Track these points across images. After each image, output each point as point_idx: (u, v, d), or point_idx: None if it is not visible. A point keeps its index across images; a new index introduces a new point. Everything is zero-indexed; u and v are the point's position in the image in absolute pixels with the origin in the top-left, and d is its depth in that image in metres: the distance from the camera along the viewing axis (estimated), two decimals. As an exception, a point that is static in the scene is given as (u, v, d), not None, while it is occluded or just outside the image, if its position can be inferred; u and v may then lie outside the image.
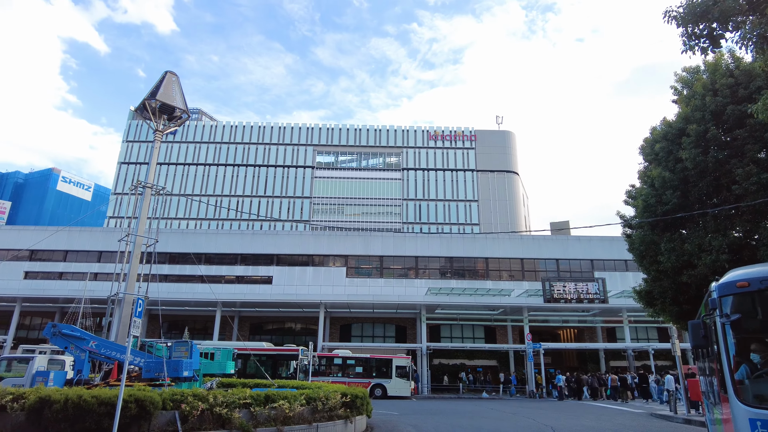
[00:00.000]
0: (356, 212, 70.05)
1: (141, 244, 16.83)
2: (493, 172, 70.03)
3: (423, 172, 70.71)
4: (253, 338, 39.85)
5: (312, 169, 72.22)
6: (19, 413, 9.30)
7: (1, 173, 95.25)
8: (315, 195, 70.96)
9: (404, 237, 44.25)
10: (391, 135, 73.30)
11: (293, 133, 74.41)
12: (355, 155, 73.49)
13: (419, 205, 69.08)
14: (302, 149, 73.21)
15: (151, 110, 18.26)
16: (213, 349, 25.93)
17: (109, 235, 43.01)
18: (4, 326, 41.49)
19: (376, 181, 71.23)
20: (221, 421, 10.23)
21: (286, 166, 72.61)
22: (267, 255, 42.38)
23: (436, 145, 71.91)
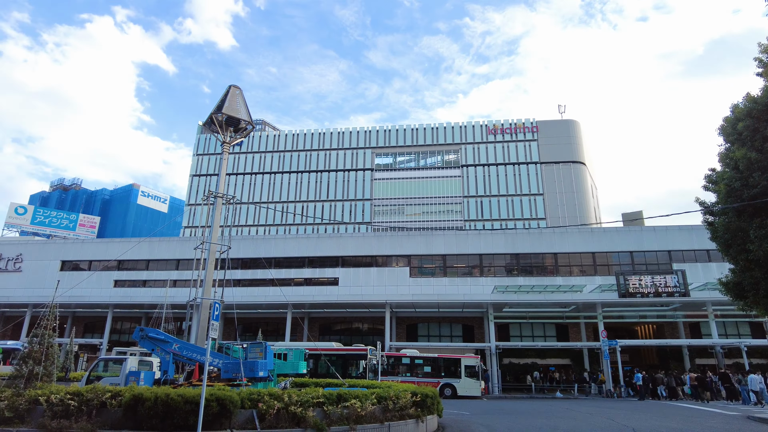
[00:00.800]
0: (417, 212, 70.00)
1: (215, 251, 17.75)
2: (558, 164, 67.52)
3: (483, 168, 69.45)
4: (323, 338, 40.85)
5: (371, 172, 72.97)
6: (117, 409, 10.11)
7: (90, 191, 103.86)
8: (375, 197, 71.64)
9: (467, 235, 43.67)
10: (449, 132, 72.60)
11: (351, 137, 75.58)
12: (413, 155, 73.49)
13: (481, 202, 67.91)
14: (361, 152, 74.19)
15: (218, 123, 19.20)
16: (285, 349, 26.88)
17: (185, 244, 45.70)
18: (99, 330, 45.20)
19: (436, 180, 70.82)
20: (296, 420, 10.57)
21: (346, 170, 73.86)
22: (332, 257, 43.33)
23: (496, 139, 70.40)
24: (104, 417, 10.09)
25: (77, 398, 10.16)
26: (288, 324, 38.80)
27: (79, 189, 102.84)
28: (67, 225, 77.94)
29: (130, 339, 42.40)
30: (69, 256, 48.31)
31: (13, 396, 10.31)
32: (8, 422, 9.92)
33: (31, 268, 47.58)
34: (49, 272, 46.81)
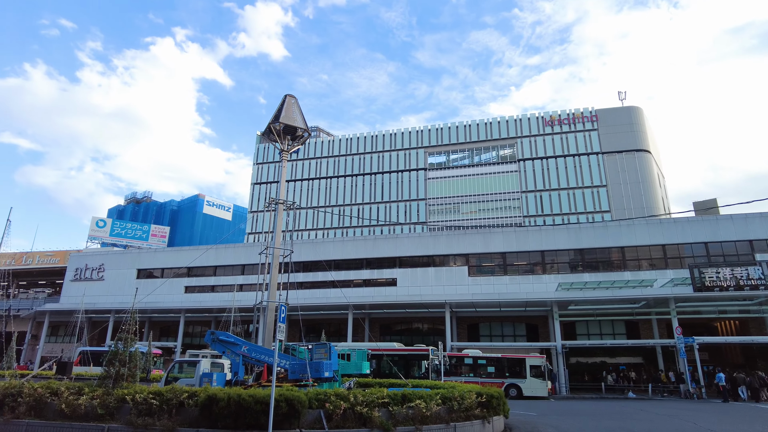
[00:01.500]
0: (473, 209, 69.00)
1: (278, 255, 18.37)
2: (620, 153, 64.38)
3: (541, 161, 67.40)
4: (384, 339, 41.15)
5: (425, 171, 72.74)
6: (193, 408, 10.69)
7: (160, 203, 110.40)
8: (429, 196, 71.33)
9: (527, 231, 42.56)
10: (503, 126, 71.05)
11: (403, 138, 75.71)
12: (466, 152, 72.56)
13: (540, 196, 65.93)
14: (413, 152, 74.13)
15: (276, 133, 19.86)
16: (348, 350, 27.29)
17: (249, 249, 47.52)
18: (173, 334, 47.89)
19: (491, 176, 69.50)
20: (362, 420, 10.73)
21: (400, 170, 74.06)
22: (390, 258, 43.59)
23: (553, 131, 68.13)
24: (183, 416, 10.70)
25: (158, 398, 10.84)
26: (349, 325, 39.39)
27: (150, 201, 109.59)
28: (141, 236, 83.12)
29: (202, 342, 44.61)
30: (143, 264, 51.56)
31: (104, 395, 11.16)
32: (101, 418, 10.74)
33: (112, 277, 51.17)
34: (127, 280, 50.18)
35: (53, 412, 11.07)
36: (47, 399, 11.32)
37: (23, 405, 11.14)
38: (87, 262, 53.51)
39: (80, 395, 11.25)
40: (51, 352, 50.10)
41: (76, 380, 18.48)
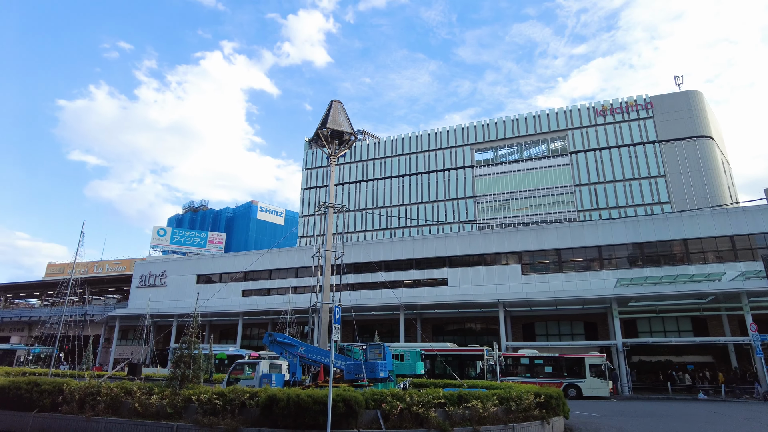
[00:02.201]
0: (523, 206, 67.44)
1: (330, 257, 18.69)
2: (679, 141, 61.04)
3: (594, 153, 64.97)
4: (436, 339, 40.96)
5: (472, 168, 71.83)
6: (254, 408, 11.07)
7: (216, 211, 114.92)
8: (478, 194, 70.36)
9: (582, 226, 41.17)
10: (552, 119, 69.03)
11: (449, 136, 75.08)
12: (515, 147, 71.03)
13: (594, 190, 63.59)
14: (459, 150, 73.37)
15: (323, 138, 20.25)
16: (402, 350, 27.38)
17: (302, 253, 48.59)
18: (232, 336, 49.66)
19: (542, 170, 67.69)
20: (419, 420, 10.74)
21: (446, 169, 73.51)
22: (439, 258, 43.36)
23: (606, 121, 65.51)
24: (245, 415, 11.09)
25: (222, 398, 11.30)
26: (401, 325, 39.47)
27: (206, 209, 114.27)
28: (199, 242, 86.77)
29: (259, 344, 46.01)
30: (202, 270, 53.80)
31: (172, 395, 11.76)
32: (170, 417, 11.32)
33: (174, 283, 53.72)
34: (188, 285, 52.53)
35: (128, 410, 11.77)
36: (122, 398, 12.05)
37: (102, 403, 11.91)
38: (150, 269, 56.45)
39: (151, 395, 11.90)
40: (122, 355, 53.20)
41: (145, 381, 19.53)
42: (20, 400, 12.56)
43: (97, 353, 54.06)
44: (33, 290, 79.39)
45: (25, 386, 12.66)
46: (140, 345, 51.12)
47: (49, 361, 40.61)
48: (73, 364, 42.66)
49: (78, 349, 39.93)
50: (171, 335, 48.07)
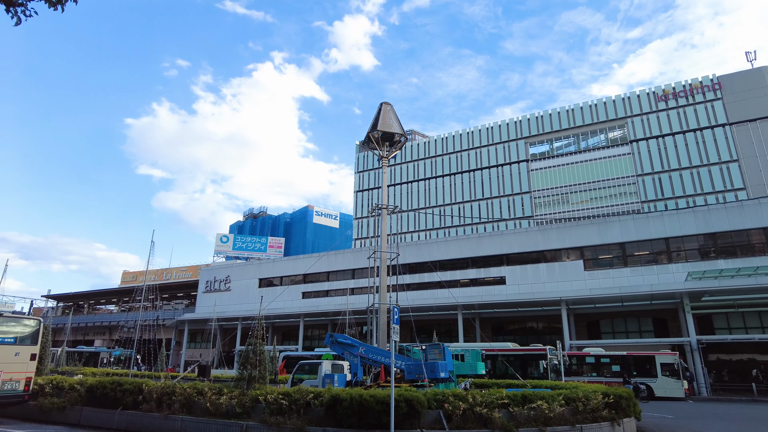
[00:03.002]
0: (583, 199, 64.97)
1: (386, 258, 18.84)
2: (753, 122, 56.69)
3: (657, 140, 61.59)
4: (496, 339, 40.26)
5: (527, 163, 70.05)
6: (319, 408, 11.33)
7: (274, 216, 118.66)
8: (534, 188, 68.51)
9: (647, 218, 39.15)
10: (610, 107, 66.06)
11: (501, 130, 73.58)
12: (571, 138, 68.59)
13: (659, 179, 60.28)
14: (513, 144, 71.74)
15: (374, 140, 20.44)
16: (462, 350, 27.15)
17: (357, 254, 49.21)
18: (293, 338, 51.03)
19: (601, 161, 64.95)
20: (483, 421, 10.62)
21: (499, 165, 72.08)
22: (496, 256, 42.59)
23: (668, 106, 61.95)
24: (310, 415, 11.38)
25: (287, 398, 11.66)
26: (460, 325, 39.10)
27: (265, 216, 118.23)
28: (260, 248, 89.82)
29: (320, 344, 47.00)
30: (264, 274, 55.65)
31: (240, 395, 12.26)
32: (239, 416, 11.82)
33: (237, 287, 55.90)
34: (251, 289, 54.49)
35: (200, 410, 12.39)
36: (195, 398, 12.70)
37: (177, 403, 12.61)
38: (215, 274, 59.04)
39: (221, 395, 12.46)
40: (192, 357, 55.96)
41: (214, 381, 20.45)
42: (106, 398, 13.53)
43: (169, 355, 57.17)
44: (111, 297, 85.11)
45: (109, 386, 13.62)
46: (208, 347, 53.60)
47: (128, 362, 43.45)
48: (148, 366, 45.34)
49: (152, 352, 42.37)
50: (236, 337, 50.03)
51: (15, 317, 14.57)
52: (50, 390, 14.77)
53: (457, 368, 21.66)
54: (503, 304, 39.32)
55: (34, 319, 15.11)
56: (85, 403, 13.87)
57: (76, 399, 14.06)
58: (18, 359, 13.71)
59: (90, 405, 13.77)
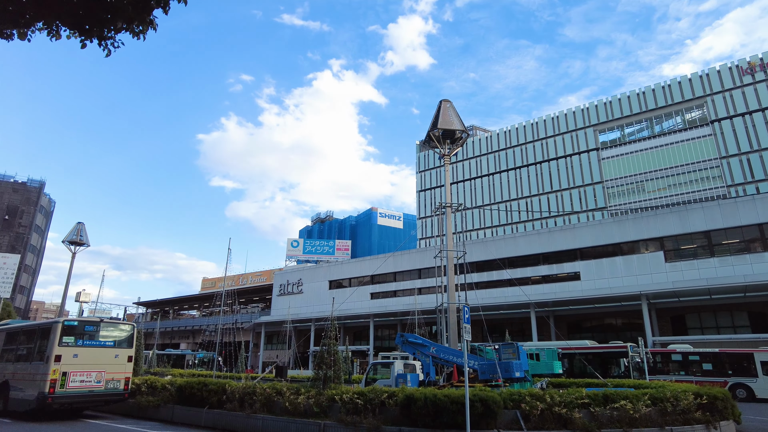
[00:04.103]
0: (660, 186, 61.04)
1: (452, 257, 18.69)
2: None
3: (743, 119, 56.64)
4: (572, 337, 38.69)
5: (597, 151, 66.85)
6: (393, 408, 11.43)
7: (340, 220, 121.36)
8: (606, 178, 65.24)
9: (735, 203, 36.09)
10: (686, 86, 61.54)
11: (567, 120, 70.71)
12: (644, 123, 64.65)
13: (746, 160, 55.39)
14: (581, 133, 68.71)
15: (435, 139, 20.35)
16: (536, 349, 26.37)
17: (423, 254, 49.13)
18: (365, 338, 51.78)
19: (679, 145, 60.70)
20: (562, 421, 10.26)
21: (568, 155, 69.30)
22: (568, 251, 40.95)
23: (755, 80, 56.76)
24: (385, 414, 11.50)
25: (362, 398, 11.85)
26: (533, 323, 37.98)
27: (331, 220, 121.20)
28: (328, 251, 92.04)
29: (390, 344, 47.39)
30: (333, 276, 56.94)
31: (317, 395, 12.63)
32: (317, 416, 12.17)
33: (309, 290, 57.59)
34: (322, 291, 55.94)
35: (279, 409, 12.89)
36: (274, 398, 13.22)
37: (257, 402, 13.20)
38: (288, 278, 61.17)
39: (298, 395, 12.89)
40: (269, 358, 58.32)
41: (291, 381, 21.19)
42: (194, 397, 14.42)
43: (248, 357, 59.91)
44: (193, 303, 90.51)
45: (196, 386, 14.51)
46: (284, 348, 55.64)
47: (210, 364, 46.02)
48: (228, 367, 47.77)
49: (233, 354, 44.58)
50: (310, 339, 51.56)
51: (113, 323, 15.88)
52: (145, 389, 15.95)
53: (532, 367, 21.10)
54: (578, 300, 37.75)
55: (129, 324, 16.38)
56: (175, 402, 14.85)
57: (168, 398, 15.10)
58: (117, 361, 14.92)
59: (180, 403, 14.73)
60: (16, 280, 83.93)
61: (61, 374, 13.53)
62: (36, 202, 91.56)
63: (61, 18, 4.24)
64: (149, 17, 4.56)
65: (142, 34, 4.66)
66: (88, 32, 4.44)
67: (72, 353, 13.91)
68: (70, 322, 14.45)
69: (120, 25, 4.45)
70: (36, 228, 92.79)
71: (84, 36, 4.45)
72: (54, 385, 13.35)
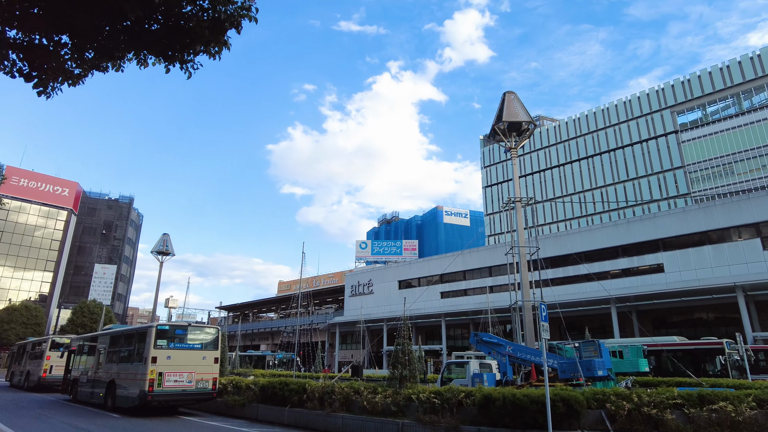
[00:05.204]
0: (750, 168, 55.91)
1: (524, 253, 18.19)
2: None
3: None
4: (657, 333, 36.33)
5: (675, 134, 62.40)
6: (471, 407, 11.33)
7: (405, 220, 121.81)
8: (687, 162, 60.72)
9: None
10: (780, 57, 55.96)
11: (641, 102, 66.57)
12: (729, 99, 59.49)
13: None
14: (657, 116, 64.42)
15: (500, 132, 19.90)
16: (619, 347, 25.05)
17: (493, 251, 48.16)
18: (437, 338, 51.57)
19: (773, 122, 55.27)
20: (652, 423, 9.70)
21: (643, 140, 65.24)
22: (649, 242, 38.53)
23: None
24: (462, 414, 11.42)
25: (439, 397, 11.84)
26: (614, 319, 36.09)
27: (397, 220, 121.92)
28: (395, 251, 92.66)
29: (464, 344, 46.85)
30: (402, 276, 57.22)
31: (394, 394, 12.77)
32: (394, 414, 12.30)
33: (379, 290, 58.27)
34: (392, 291, 56.40)
35: (357, 408, 13.16)
36: (352, 397, 13.53)
37: (336, 401, 13.56)
38: (358, 279, 62.25)
39: (376, 394, 13.10)
40: (344, 358, 59.60)
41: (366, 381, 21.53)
42: (276, 396, 15.07)
43: (324, 357, 61.59)
44: (270, 305, 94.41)
45: (278, 386, 15.14)
46: (358, 348, 56.65)
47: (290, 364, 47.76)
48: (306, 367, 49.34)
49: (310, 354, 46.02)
50: (383, 338, 52.13)
51: (199, 326, 16.95)
52: (231, 389, 16.87)
53: (615, 366, 20.09)
54: (663, 294, 35.41)
55: (214, 327, 17.40)
56: (259, 401, 15.59)
57: (252, 397, 15.87)
58: (205, 362, 15.90)
59: (263, 402, 15.43)
60: (114, 289, 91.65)
61: (158, 374, 14.62)
62: (127, 216, 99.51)
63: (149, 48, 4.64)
64: (224, 38, 4.86)
65: (218, 54, 4.97)
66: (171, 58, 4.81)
67: (165, 355, 14.99)
68: (162, 326, 15.59)
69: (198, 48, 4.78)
70: (128, 240, 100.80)
71: (168, 62, 4.83)
72: (152, 384, 14.46)
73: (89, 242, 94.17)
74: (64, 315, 67.33)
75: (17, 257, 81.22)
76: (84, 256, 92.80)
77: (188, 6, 4.52)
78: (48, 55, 4.45)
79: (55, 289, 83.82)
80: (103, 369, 17.59)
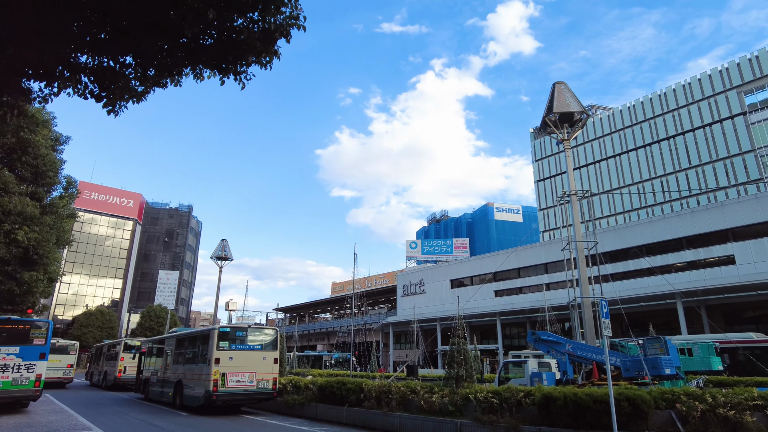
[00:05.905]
0: (836, 148, 51.46)
1: (582, 249, 17.60)
2: None
3: None
4: (731, 329, 34.10)
5: (743, 116, 58.38)
6: (531, 407, 11.09)
7: (455, 218, 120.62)
8: (758, 145, 56.63)
9: None
10: None
11: (702, 84, 62.75)
12: (806, 76, 55.04)
13: None
14: (721, 98, 60.52)
15: (552, 124, 19.35)
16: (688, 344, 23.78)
17: (548, 247, 46.87)
18: (492, 337, 50.78)
19: None
20: (730, 425, 9.13)
21: (706, 125, 61.47)
22: (717, 232, 36.28)
23: None
24: (522, 413, 11.19)
25: (497, 397, 11.66)
26: (681, 315, 34.24)
27: (447, 219, 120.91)
28: (446, 250, 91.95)
29: (520, 342, 45.85)
30: (454, 275, 56.73)
31: (451, 393, 12.70)
32: (452, 414, 12.23)
33: (431, 289, 58.04)
34: (444, 290, 56.04)
35: (414, 407, 13.17)
36: (409, 396, 13.55)
37: (393, 401, 13.63)
38: (410, 279, 62.28)
39: (432, 394, 13.07)
40: (398, 357, 59.79)
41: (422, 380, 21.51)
42: (334, 396, 15.33)
43: (379, 357, 61.98)
44: (325, 306, 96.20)
45: (336, 385, 15.41)
46: (412, 348, 56.65)
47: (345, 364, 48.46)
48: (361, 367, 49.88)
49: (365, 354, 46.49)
50: (437, 338, 51.90)
51: (259, 328, 17.51)
52: (291, 388, 17.31)
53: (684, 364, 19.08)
54: (735, 287, 33.24)
55: (273, 328, 17.93)
56: (318, 400, 15.91)
57: (311, 396, 16.22)
58: (265, 363, 16.41)
59: (322, 402, 15.74)
60: (178, 293, 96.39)
61: (221, 375, 15.24)
62: (187, 224, 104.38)
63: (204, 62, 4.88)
64: (274, 47, 5.03)
65: (269, 64, 5.15)
66: (225, 70, 5.04)
67: (228, 356, 15.60)
68: (224, 328, 16.23)
69: (251, 59, 4.97)
70: (189, 247, 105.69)
71: (222, 74, 5.06)
72: (216, 384, 15.09)
73: (153, 250, 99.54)
74: (134, 319, 71.61)
75: (92, 266, 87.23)
76: (149, 263, 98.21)
77: (239, 19, 4.71)
78: (115, 75, 4.77)
79: (125, 294, 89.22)
80: (171, 370, 18.53)
